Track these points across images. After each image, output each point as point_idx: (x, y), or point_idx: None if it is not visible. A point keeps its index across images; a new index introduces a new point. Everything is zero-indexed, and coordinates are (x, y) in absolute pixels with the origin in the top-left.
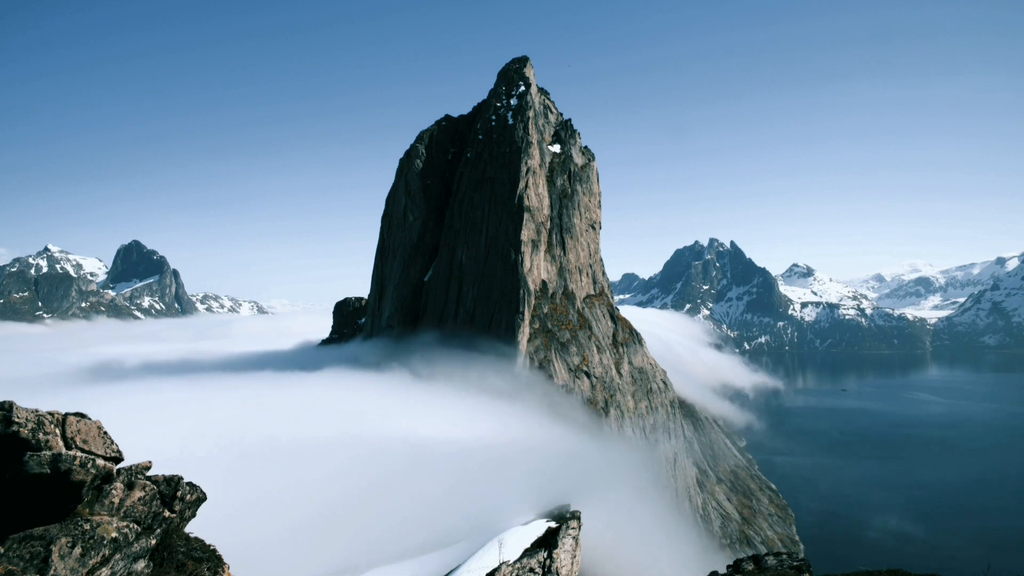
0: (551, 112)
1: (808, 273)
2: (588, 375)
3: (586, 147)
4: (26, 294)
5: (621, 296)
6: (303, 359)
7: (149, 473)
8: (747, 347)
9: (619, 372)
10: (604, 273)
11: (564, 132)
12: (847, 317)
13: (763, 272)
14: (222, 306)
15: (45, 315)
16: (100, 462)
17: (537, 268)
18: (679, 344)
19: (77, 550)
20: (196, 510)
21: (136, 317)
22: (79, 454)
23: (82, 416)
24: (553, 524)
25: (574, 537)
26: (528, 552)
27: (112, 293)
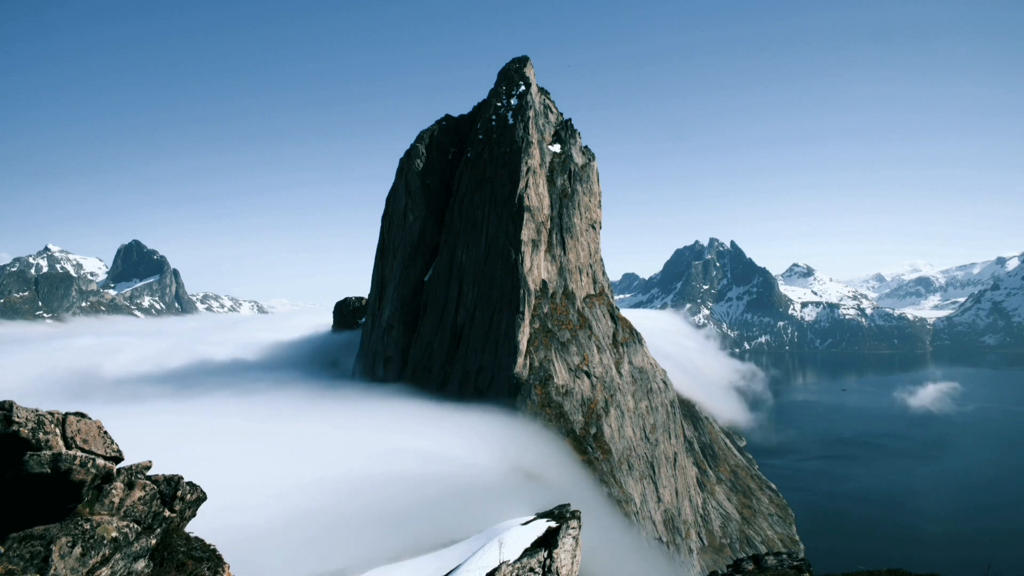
0: (551, 112)
1: (808, 273)
2: (588, 375)
3: (586, 147)
4: (26, 294)
5: (621, 296)
6: (301, 360)
7: (149, 473)
8: (747, 347)
9: (619, 372)
10: (604, 273)
11: (564, 132)
12: (847, 317)
13: (763, 272)
14: (222, 306)
15: (45, 315)
16: (100, 462)
17: (537, 268)
18: (679, 344)
19: (77, 549)
20: (196, 510)
21: (136, 317)
22: (79, 454)
23: (82, 416)
24: (553, 524)
25: (574, 537)
26: (528, 552)
27: (112, 293)
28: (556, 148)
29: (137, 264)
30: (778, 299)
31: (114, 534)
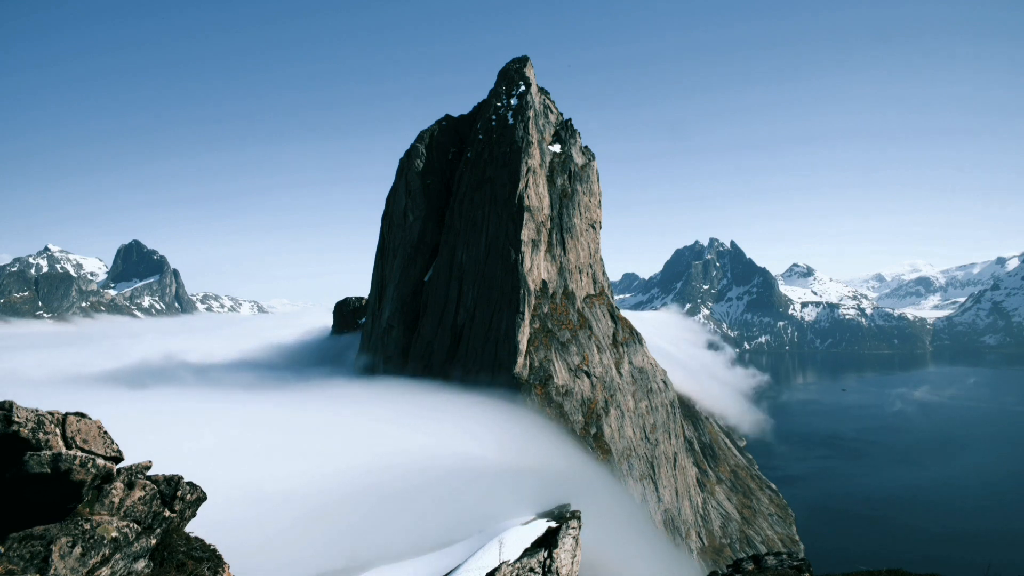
0: (551, 112)
1: (808, 273)
2: (588, 375)
3: (586, 147)
4: (26, 294)
5: (621, 296)
6: (302, 359)
7: (149, 473)
8: (747, 347)
9: (619, 372)
10: (604, 273)
11: (564, 132)
12: (847, 317)
13: (763, 272)
14: (222, 306)
15: (45, 315)
16: (100, 462)
17: (537, 268)
18: (679, 344)
19: (77, 550)
20: (196, 510)
21: (136, 317)
22: (79, 454)
23: (82, 416)
24: (553, 524)
25: (574, 537)
26: (528, 552)
27: (112, 293)
28: (556, 148)
29: (137, 264)
30: (778, 299)
31: (114, 534)
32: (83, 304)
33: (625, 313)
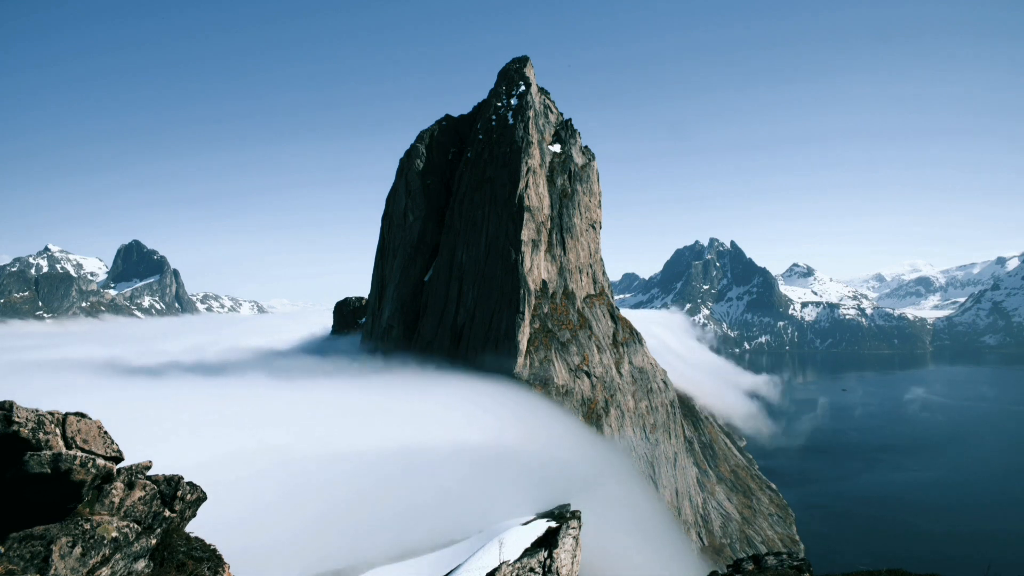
0: (551, 112)
1: (808, 273)
2: (588, 375)
3: (586, 147)
4: (26, 294)
5: (621, 296)
6: (303, 359)
7: (149, 473)
8: (747, 347)
9: (619, 372)
10: (604, 273)
11: (564, 132)
12: (847, 317)
13: (763, 272)
14: (222, 306)
15: (45, 315)
16: (100, 462)
17: (537, 268)
18: (679, 344)
19: (77, 549)
20: (196, 510)
21: (136, 317)
22: (79, 454)
23: (82, 416)
24: (553, 524)
25: (574, 537)
26: (528, 552)
27: (113, 293)
28: (556, 148)
29: (137, 264)
30: (778, 299)
31: (114, 534)
32: (83, 304)
33: (625, 313)
